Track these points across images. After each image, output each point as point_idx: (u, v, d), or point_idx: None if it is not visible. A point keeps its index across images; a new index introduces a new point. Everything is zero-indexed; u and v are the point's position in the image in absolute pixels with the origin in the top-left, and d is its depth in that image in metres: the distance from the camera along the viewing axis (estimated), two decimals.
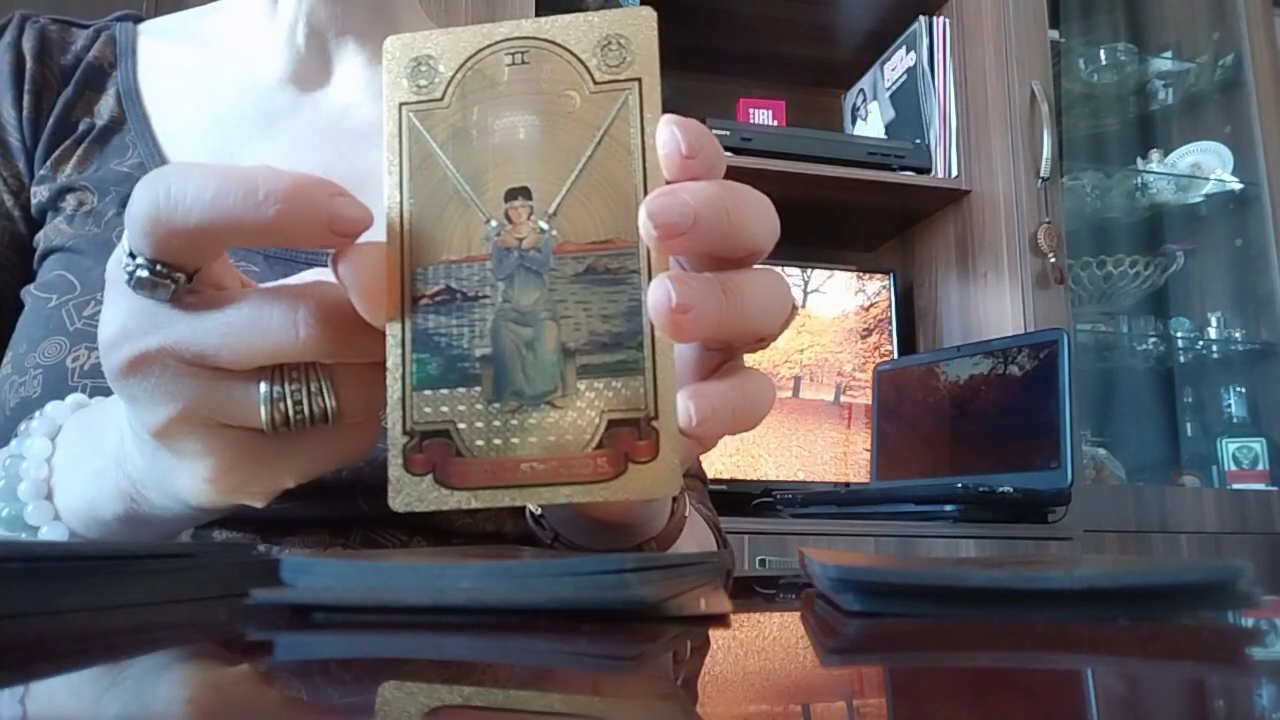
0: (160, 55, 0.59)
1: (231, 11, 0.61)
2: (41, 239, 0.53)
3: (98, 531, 0.35)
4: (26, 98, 0.55)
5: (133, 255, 0.27)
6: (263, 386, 0.28)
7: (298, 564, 0.25)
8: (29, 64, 0.56)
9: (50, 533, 0.35)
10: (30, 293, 0.51)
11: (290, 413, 0.28)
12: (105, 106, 0.56)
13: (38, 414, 0.37)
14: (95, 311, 0.48)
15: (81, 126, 0.56)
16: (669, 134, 0.26)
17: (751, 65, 2.00)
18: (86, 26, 0.59)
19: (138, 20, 0.61)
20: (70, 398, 0.38)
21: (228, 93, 0.58)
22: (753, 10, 1.84)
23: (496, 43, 0.29)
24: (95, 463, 0.34)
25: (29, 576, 0.23)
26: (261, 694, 0.17)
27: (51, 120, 0.55)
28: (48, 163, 0.54)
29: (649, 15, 0.28)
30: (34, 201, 0.54)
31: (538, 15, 1.67)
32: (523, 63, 0.28)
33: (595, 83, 0.28)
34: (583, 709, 0.16)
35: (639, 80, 0.28)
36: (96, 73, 0.57)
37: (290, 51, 0.58)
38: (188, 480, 0.30)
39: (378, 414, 0.30)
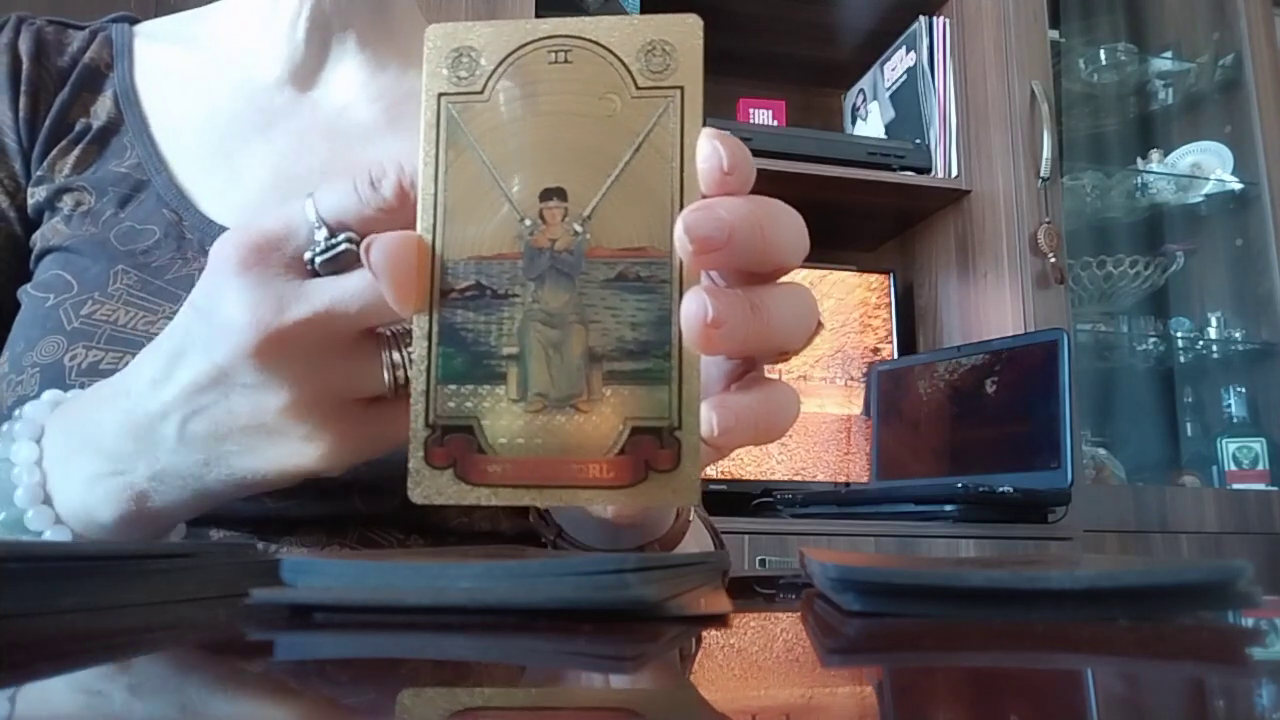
0: (157, 57, 0.59)
1: (228, 12, 0.61)
2: (39, 239, 0.53)
3: (96, 534, 0.35)
4: (23, 99, 0.55)
5: (333, 233, 0.30)
6: (384, 354, 0.31)
7: (298, 564, 0.25)
8: (25, 65, 0.56)
9: (54, 537, 0.35)
10: (27, 292, 0.51)
11: (405, 375, 0.30)
12: (102, 108, 0.56)
13: (17, 413, 0.37)
14: (92, 310, 0.48)
15: (78, 127, 0.56)
16: (711, 148, 0.27)
17: (751, 65, 2.00)
18: (83, 28, 0.59)
19: (134, 22, 0.61)
20: (46, 395, 0.38)
21: (225, 93, 0.58)
22: (753, 10, 1.84)
23: (540, 39, 0.28)
24: (90, 465, 0.34)
25: (29, 576, 0.23)
26: (261, 694, 0.17)
27: (48, 121, 0.55)
28: (45, 163, 0.54)
29: (695, 23, 0.28)
30: (31, 202, 0.54)
31: (538, 14, 1.66)
32: (565, 61, 0.28)
33: (637, 88, 0.28)
34: (592, 703, 0.16)
35: (681, 89, 0.28)
36: (93, 74, 0.57)
37: (289, 49, 0.58)
38: (291, 454, 0.32)
39: None
